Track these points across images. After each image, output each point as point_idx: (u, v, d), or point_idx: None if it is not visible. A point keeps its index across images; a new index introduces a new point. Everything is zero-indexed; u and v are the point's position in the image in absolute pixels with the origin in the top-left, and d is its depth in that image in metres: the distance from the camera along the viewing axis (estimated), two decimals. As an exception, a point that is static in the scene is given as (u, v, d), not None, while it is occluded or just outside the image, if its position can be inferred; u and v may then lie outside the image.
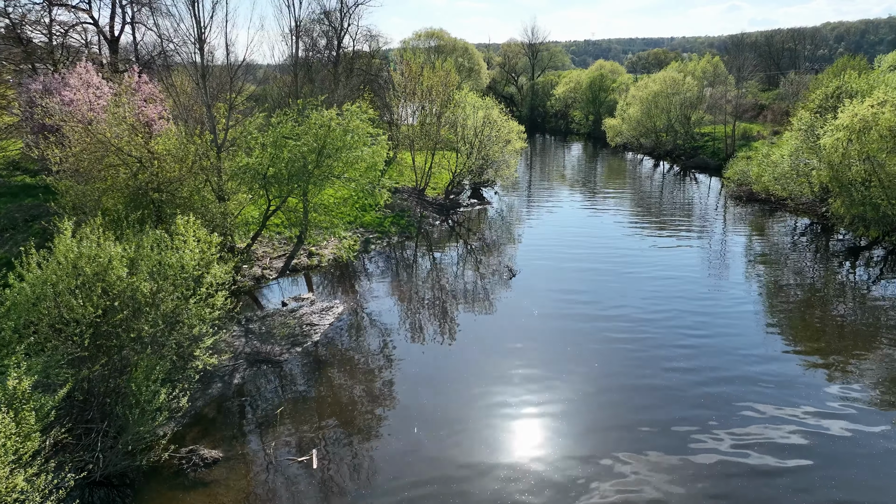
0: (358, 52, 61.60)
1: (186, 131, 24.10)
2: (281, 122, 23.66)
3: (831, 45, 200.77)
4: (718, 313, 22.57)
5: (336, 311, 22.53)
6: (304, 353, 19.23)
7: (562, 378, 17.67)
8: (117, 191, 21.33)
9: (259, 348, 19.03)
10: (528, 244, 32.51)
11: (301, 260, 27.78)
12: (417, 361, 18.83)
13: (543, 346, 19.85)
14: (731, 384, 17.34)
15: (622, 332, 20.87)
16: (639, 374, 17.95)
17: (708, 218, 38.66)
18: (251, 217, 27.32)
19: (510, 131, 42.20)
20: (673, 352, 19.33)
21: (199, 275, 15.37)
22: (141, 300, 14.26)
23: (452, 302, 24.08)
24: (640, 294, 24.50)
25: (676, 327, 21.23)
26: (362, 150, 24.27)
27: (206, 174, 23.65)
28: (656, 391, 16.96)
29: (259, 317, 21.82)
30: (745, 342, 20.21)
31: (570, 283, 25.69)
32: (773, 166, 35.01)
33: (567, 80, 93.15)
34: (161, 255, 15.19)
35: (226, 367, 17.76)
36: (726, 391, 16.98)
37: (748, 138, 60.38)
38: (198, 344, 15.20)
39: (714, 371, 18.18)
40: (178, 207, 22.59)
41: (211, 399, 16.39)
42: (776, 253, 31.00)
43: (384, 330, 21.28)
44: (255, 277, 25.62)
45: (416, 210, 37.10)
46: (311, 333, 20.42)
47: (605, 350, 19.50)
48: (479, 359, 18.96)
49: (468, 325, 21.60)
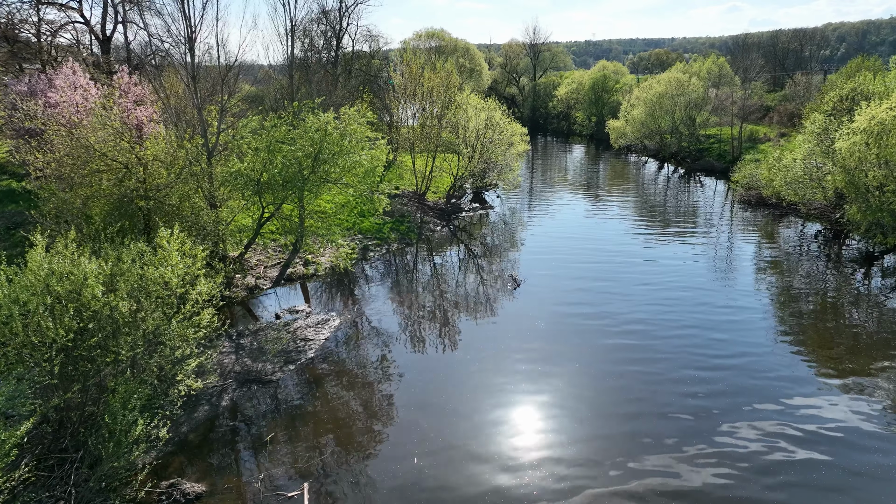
0: (357, 52, 60.58)
1: (176, 135, 23.04)
2: (275, 125, 22.59)
3: (833, 45, 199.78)
4: (729, 323, 21.71)
5: (332, 323, 21.45)
6: (298, 371, 18.14)
7: (571, 398, 16.58)
8: (101, 198, 20.26)
9: (250, 366, 17.94)
10: (531, 250, 31.43)
11: (297, 269, 26.70)
12: (418, 380, 17.74)
13: (550, 362, 18.74)
14: (741, 395, 16.68)
15: (631, 344, 19.99)
16: (651, 392, 16.97)
17: (716, 223, 37.60)
18: (244, 224, 26.24)
19: (513, 134, 41.11)
20: (685, 365, 18.44)
21: (183, 292, 14.29)
22: (119, 320, 13.18)
23: (454, 314, 22.99)
24: (649, 303, 23.57)
25: (687, 339, 20.35)
26: (360, 154, 23.22)
27: (196, 180, 22.60)
28: (670, 412, 15.93)
29: (251, 331, 20.73)
30: (756, 352, 19.45)
31: (575, 294, 24.58)
32: (785, 170, 33.90)
33: (569, 81, 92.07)
34: (143, 270, 14.12)
35: (213, 387, 16.67)
36: (737, 402, 16.39)
37: (754, 140, 59.30)
38: (181, 367, 14.12)
39: (724, 382, 17.51)
40: (167, 215, 21.56)
41: (197, 424, 15.30)
42: (787, 259, 30.02)
43: (383, 345, 20.20)
44: (248, 288, 24.52)
45: (416, 215, 36.01)
46: (306, 349, 19.33)
47: (613, 363, 18.53)
48: (484, 377, 17.86)
49: (471, 340, 20.52)
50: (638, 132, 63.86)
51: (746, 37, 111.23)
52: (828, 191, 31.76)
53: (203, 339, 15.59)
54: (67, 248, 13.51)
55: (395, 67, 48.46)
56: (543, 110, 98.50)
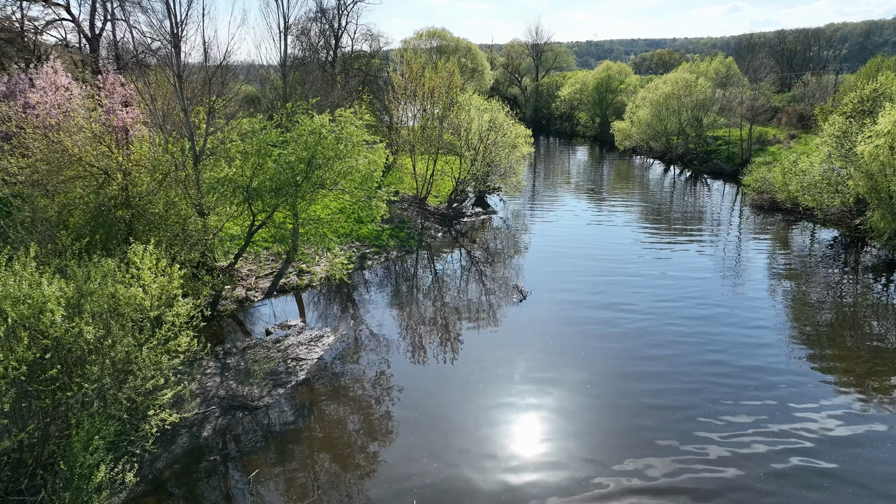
0: (357, 52, 59.21)
1: (161, 138, 21.65)
2: (265, 128, 21.17)
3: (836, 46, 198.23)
4: (742, 334, 20.73)
5: (326, 340, 20.03)
6: (288, 395, 16.72)
7: (582, 424, 15.17)
8: (76, 207, 18.84)
9: (235, 391, 16.53)
10: (535, 258, 30.01)
11: (290, 279, 25.28)
12: (417, 406, 16.31)
13: (558, 381, 17.32)
14: (754, 413, 15.69)
15: (641, 358, 19.02)
16: (662, 407, 15.98)
17: (726, 228, 36.21)
18: (234, 232, 24.82)
19: (517, 136, 39.67)
20: (696, 381, 17.61)
21: (157, 314, 12.88)
22: (84, 348, 11.78)
23: (456, 327, 21.57)
24: (658, 313, 22.49)
25: (699, 353, 19.37)
26: (357, 159, 21.80)
27: (183, 186, 21.20)
28: (682, 428, 14.66)
29: (239, 349, 19.31)
30: (771, 367, 18.44)
31: (582, 306, 23.15)
32: (802, 174, 32.48)
33: (573, 82, 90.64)
34: (114, 289, 12.71)
35: (195, 415, 15.25)
36: (749, 419, 15.58)
37: (763, 142, 57.85)
38: (155, 398, 12.71)
39: (735, 396, 16.69)
40: (151, 224, 20.16)
41: (173, 458, 13.88)
42: (802, 266, 28.79)
43: (380, 365, 18.77)
44: (238, 300, 23.11)
45: (416, 221, 34.59)
46: (297, 370, 17.92)
47: (626, 381, 17.35)
48: (488, 396, 16.44)
49: (474, 355, 19.08)
50: (644, 133, 62.44)
51: (751, 37, 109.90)
52: (848, 196, 30.34)
53: (182, 364, 14.20)
54: (27, 266, 12.12)
55: (394, 67, 47.01)
56: (546, 111, 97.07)
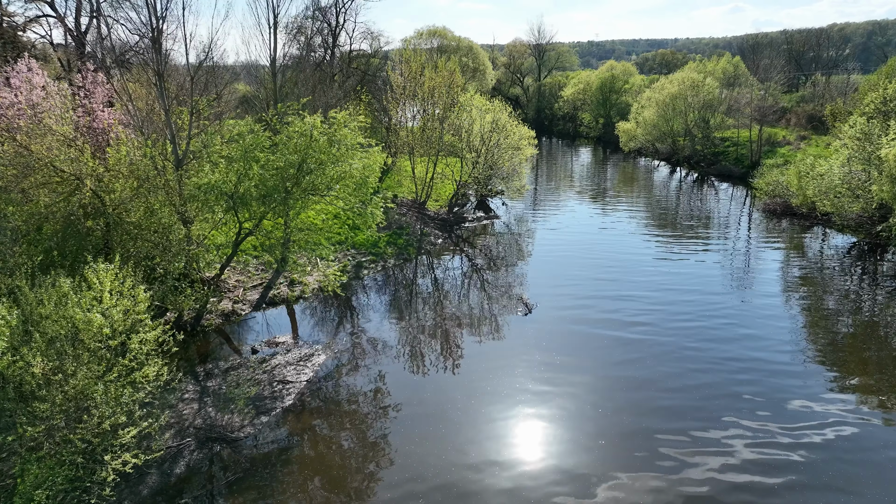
0: (356, 51, 57.74)
1: (139, 141, 20.17)
2: (253, 130, 19.68)
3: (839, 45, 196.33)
4: (756, 347, 19.71)
5: (317, 360, 18.53)
6: (273, 424, 15.20)
7: (591, 446, 13.66)
8: (47, 217, 17.34)
9: (214, 419, 15.02)
10: (540, 266, 28.49)
11: (281, 290, 23.78)
12: (415, 436, 14.79)
13: (567, 403, 15.82)
14: (770, 436, 14.50)
15: (651, 372, 17.87)
16: (674, 424, 14.75)
17: (738, 233, 34.71)
18: (221, 241, 23.33)
19: (521, 137, 38.13)
20: (709, 395, 16.74)
21: (117, 344, 11.39)
22: (32, 384, 10.30)
23: (458, 346, 20.05)
24: (670, 323, 21.34)
25: (712, 368, 18.35)
26: (351, 164, 20.31)
27: (166, 192, 19.71)
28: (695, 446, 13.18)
29: (221, 370, 17.82)
30: (787, 383, 17.40)
31: (592, 324, 21.61)
32: (820, 178, 30.95)
33: (576, 82, 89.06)
34: (70, 314, 11.23)
35: (167, 449, 13.76)
36: (765, 440, 14.64)
37: (773, 144, 56.29)
38: (115, 438, 11.22)
39: (750, 414, 15.77)
40: (128, 234, 18.68)
41: (139, 501, 12.38)
42: (818, 274, 27.52)
43: (374, 388, 17.25)
44: (224, 314, 21.62)
45: (415, 226, 33.08)
46: (283, 395, 16.41)
47: (637, 400, 16.10)
48: (496, 433, 14.93)
49: (478, 379, 17.55)
50: (649, 135, 60.88)
51: (756, 36, 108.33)
52: (870, 201, 28.80)
53: (155, 390, 12.72)
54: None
55: (393, 66, 45.50)
56: (549, 111, 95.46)
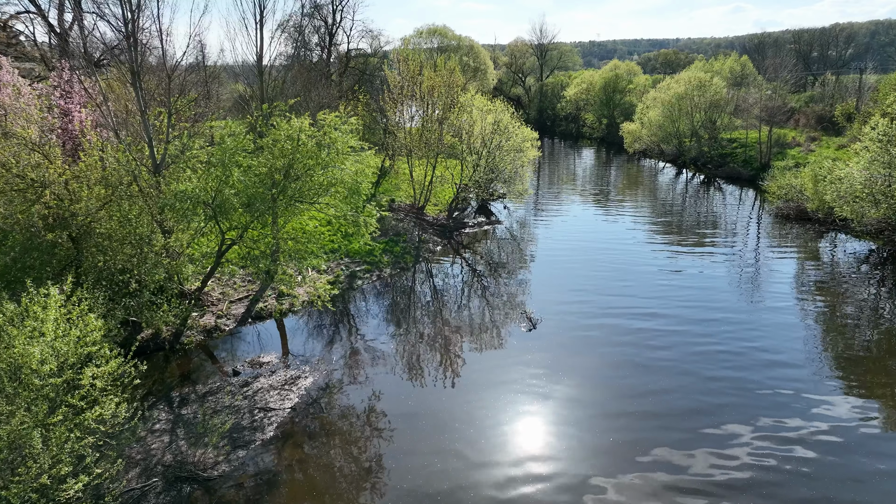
0: (355, 50, 56.31)
1: (115, 145, 18.71)
2: (233, 133, 18.20)
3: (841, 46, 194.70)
4: (771, 359, 18.58)
5: (303, 382, 17.05)
6: (250, 461, 13.70)
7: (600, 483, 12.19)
8: (9, 228, 15.90)
9: (185, 455, 13.53)
10: (544, 275, 26.99)
11: (269, 303, 22.29)
12: (411, 473, 13.30)
13: (579, 434, 14.33)
14: (786, 462, 13.13)
15: (660, 387, 16.71)
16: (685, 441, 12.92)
17: (751, 240, 33.22)
18: (206, 250, 21.86)
19: (524, 139, 36.63)
20: (721, 412, 15.60)
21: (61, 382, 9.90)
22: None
23: (457, 366, 18.54)
24: (690, 348, 19.58)
25: (723, 381, 17.24)
26: (342, 169, 18.84)
27: (144, 200, 18.25)
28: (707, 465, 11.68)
29: (198, 394, 16.33)
30: (805, 390, 16.60)
31: (602, 343, 20.11)
32: (839, 182, 29.43)
33: (579, 81, 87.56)
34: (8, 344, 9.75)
35: (130, 492, 12.27)
36: (781, 463, 13.64)
37: (782, 145, 54.77)
38: (59, 491, 9.73)
39: (764, 432, 14.86)
40: (96, 247, 17.21)
41: (94, 557, 10.91)
42: (835, 281, 26.11)
43: (366, 416, 15.74)
44: (206, 329, 20.13)
45: (413, 233, 31.58)
46: (265, 425, 14.93)
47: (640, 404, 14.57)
48: (500, 470, 13.44)
49: (480, 404, 16.03)
50: (654, 136, 59.40)
51: (761, 36, 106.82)
52: (893, 206, 27.28)
53: (123, 420, 11.24)
54: None
55: (390, 65, 44.00)
56: (551, 112, 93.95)
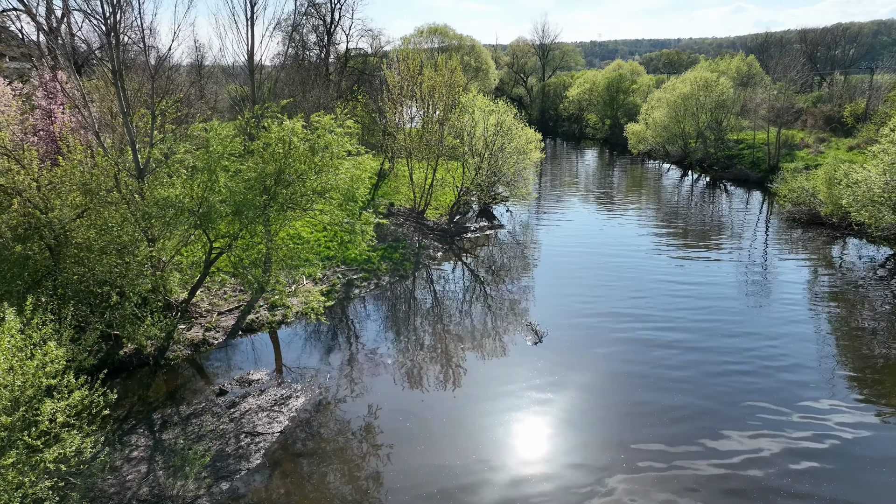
0: (354, 50, 55.29)
1: (95, 149, 17.66)
2: (221, 135, 17.13)
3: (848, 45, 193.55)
4: (783, 368, 17.89)
5: (294, 403, 15.97)
6: (234, 493, 12.60)
7: None
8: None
9: (163, 487, 12.45)
10: (549, 283, 25.89)
11: (260, 314, 21.21)
12: (409, 495, 12.23)
13: (588, 457, 13.23)
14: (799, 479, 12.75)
15: (668, 401, 15.77)
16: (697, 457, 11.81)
17: (761, 245, 32.12)
18: (192, 260, 20.80)
19: (528, 141, 35.54)
20: (732, 426, 14.52)
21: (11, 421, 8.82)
22: None
23: (459, 382, 17.44)
24: (708, 366, 18.43)
25: (734, 394, 16.45)
26: (337, 174, 17.78)
27: (128, 206, 17.19)
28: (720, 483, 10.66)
29: (182, 416, 15.26)
30: (818, 399, 16.11)
31: (611, 359, 19.02)
32: (855, 186, 28.30)
33: (581, 81, 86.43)
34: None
35: (100, 531, 11.21)
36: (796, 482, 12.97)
37: (790, 146, 53.60)
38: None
39: (778, 445, 14.28)
40: (72, 259, 16.13)
41: None
42: (850, 288, 25.05)
43: (359, 442, 14.65)
44: (193, 343, 19.05)
45: (413, 238, 30.49)
46: (251, 452, 13.84)
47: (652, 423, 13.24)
48: (501, 487, 12.36)
49: (483, 424, 14.96)
50: (659, 137, 58.24)
51: (765, 36, 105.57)
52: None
53: (99, 445, 10.16)
54: None
55: (389, 65, 42.93)
56: (553, 112, 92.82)
